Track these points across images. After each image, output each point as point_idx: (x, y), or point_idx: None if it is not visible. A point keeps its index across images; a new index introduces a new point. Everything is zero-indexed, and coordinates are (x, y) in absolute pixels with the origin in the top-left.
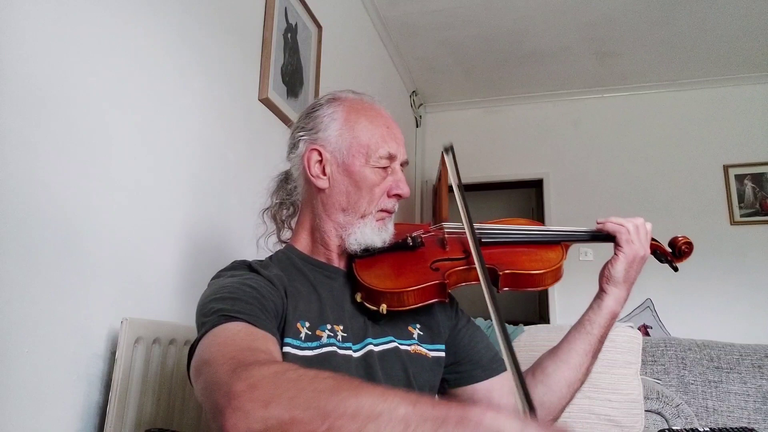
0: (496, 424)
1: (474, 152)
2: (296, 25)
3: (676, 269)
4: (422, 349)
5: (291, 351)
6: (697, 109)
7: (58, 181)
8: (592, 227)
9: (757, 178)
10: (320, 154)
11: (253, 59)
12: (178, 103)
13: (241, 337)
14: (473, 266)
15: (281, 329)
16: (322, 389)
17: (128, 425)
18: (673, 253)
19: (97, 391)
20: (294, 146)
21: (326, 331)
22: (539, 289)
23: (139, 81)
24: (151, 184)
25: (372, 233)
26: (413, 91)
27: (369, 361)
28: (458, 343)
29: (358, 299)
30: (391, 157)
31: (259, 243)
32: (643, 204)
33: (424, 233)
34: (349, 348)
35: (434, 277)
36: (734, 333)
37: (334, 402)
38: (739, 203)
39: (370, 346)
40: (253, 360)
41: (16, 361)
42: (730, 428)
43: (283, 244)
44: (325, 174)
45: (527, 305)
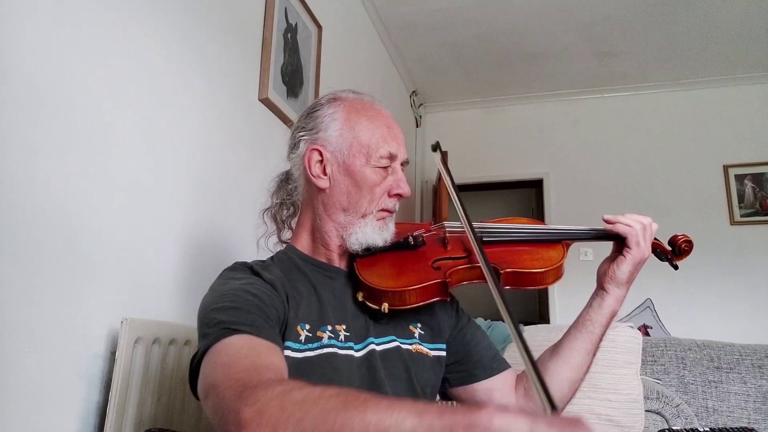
0: (506, 426)
1: (474, 152)
2: (296, 25)
3: (676, 267)
4: (423, 348)
5: (290, 354)
6: (697, 109)
7: (58, 181)
8: (594, 226)
9: (757, 178)
10: (321, 154)
11: (253, 59)
12: (178, 103)
13: (245, 354)
14: (475, 265)
15: (282, 333)
16: (329, 409)
17: (128, 425)
18: (673, 252)
19: (97, 391)
20: (294, 146)
21: (327, 332)
22: (540, 287)
23: (139, 81)
24: (151, 184)
25: (373, 233)
26: (413, 91)
27: (371, 360)
28: (459, 342)
29: (360, 298)
30: (391, 157)
31: (260, 243)
32: (643, 204)
33: (425, 232)
34: (351, 348)
35: (436, 276)
36: (734, 333)
37: (340, 422)
38: (739, 203)
39: (373, 346)
40: (258, 381)
41: (16, 361)
42: (730, 428)
43: (284, 245)
44: (325, 174)
45: (527, 305)
